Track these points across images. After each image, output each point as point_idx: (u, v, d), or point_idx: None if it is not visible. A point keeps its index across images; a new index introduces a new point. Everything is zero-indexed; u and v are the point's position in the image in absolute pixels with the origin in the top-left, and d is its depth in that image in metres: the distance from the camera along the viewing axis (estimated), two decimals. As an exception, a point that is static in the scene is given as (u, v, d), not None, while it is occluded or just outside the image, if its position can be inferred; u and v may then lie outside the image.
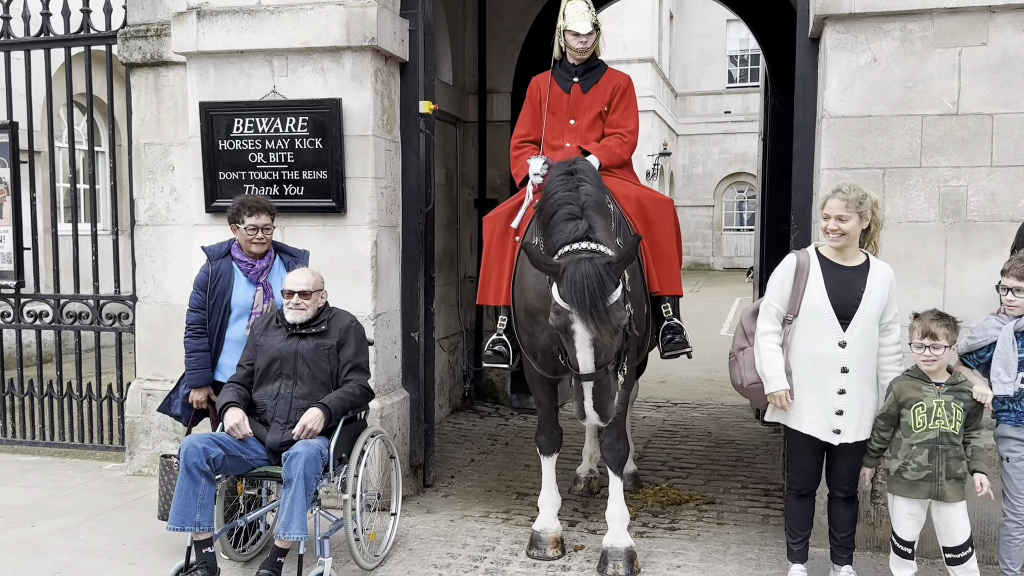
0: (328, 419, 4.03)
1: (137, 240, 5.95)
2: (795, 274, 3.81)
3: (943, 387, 3.64)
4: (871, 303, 3.71)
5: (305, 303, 4.19)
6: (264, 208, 4.42)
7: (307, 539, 3.83)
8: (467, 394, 8.19)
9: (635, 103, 4.89)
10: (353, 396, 4.17)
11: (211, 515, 3.91)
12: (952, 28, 4.28)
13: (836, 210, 3.71)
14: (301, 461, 3.80)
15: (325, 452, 3.97)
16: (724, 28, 30.61)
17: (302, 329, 4.20)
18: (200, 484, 3.86)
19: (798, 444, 3.95)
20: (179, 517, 3.84)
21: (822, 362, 3.75)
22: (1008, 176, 4.11)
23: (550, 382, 4.56)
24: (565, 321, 3.67)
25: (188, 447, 3.88)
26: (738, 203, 31.84)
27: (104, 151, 11.14)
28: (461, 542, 4.73)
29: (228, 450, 3.96)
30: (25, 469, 6.04)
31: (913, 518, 3.73)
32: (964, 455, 3.64)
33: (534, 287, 4.23)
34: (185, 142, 5.59)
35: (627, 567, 4.23)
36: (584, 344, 3.65)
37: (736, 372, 4.07)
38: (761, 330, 3.87)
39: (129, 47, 5.82)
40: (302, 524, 3.77)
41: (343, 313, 4.37)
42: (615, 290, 3.67)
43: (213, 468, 3.89)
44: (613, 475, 4.37)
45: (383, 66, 5.16)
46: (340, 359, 4.22)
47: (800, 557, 4.03)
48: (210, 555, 3.93)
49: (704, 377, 9.57)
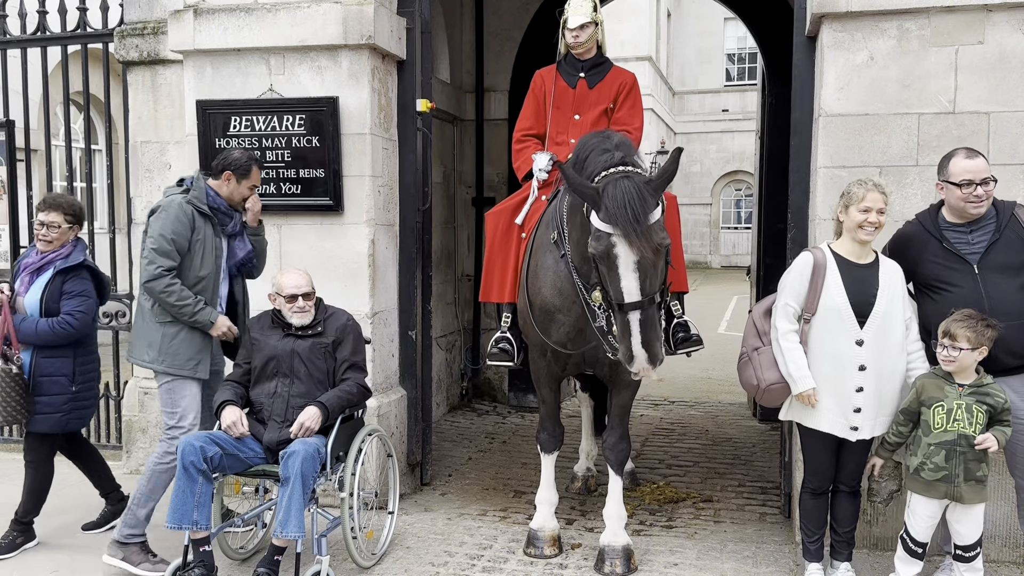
0: (325, 417, 4.03)
1: (134, 239, 5.94)
2: (812, 273, 3.80)
3: (966, 389, 3.59)
4: (886, 300, 3.72)
5: (309, 305, 4.21)
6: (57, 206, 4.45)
7: (304, 538, 3.83)
8: (465, 392, 8.20)
9: (640, 101, 4.88)
10: (350, 395, 4.16)
11: (208, 514, 3.91)
12: (949, 27, 4.28)
13: (879, 203, 3.71)
14: (299, 460, 3.80)
15: (322, 451, 3.96)
16: (722, 26, 30.60)
17: (299, 329, 4.20)
18: (197, 483, 3.85)
19: (814, 443, 3.94)
20: (176, 515, 3.84)
21: (840, 360, 3.74)
22: (1004, 175, 4.11)
23: (557, 379, 4.55)
24: (607, 246, 3.53)
25: (185, 446, 3.88)
26: (735, 201, 31.84)
27: (101, 149, 11.12)
28: (458, 540, 4.73)
29: (226, 448, 3.95)
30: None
31: (930, 519, 3.71)
32: (984, 457, 3.60)
33: (553, 284, 4.18)
34: (182, 140, 5.58)
35: (624, 565, 4.24)
36: (628, 267, 3.51)
37: (751, 373, 3.99)
38: (781, 330, 3.84)
39: (126, 45, 5.81)
40: (299, 523, 3.77)
41: (340, 312, 4.36)
42: (656, 209, 3.58)
43: (210, 467, 3.88)
44: (613, 474, 4.37)
45: (380, 64, 5.16)
46: (337, 358, 4.21)
47: (817, 556, 4.03)
48: (207, 553, 3.93)
49: (702, 375, 9.58)
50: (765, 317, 4.01)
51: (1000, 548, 4.28)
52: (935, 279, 3.80)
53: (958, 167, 3.72)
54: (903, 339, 3.76)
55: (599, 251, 3.57)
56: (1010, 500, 4.07)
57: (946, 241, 3.79)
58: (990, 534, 4.22)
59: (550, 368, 4.45)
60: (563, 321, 4.18)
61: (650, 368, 3.53)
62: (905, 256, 3.91)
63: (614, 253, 3.53)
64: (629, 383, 4.32)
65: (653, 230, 3.52)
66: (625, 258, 3.52)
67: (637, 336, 3.51)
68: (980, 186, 3.68)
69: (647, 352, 3.50)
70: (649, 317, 3.52)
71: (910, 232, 3.96)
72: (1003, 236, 3.73)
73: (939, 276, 3.79)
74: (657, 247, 3.53)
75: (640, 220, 3.49)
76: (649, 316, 3.52)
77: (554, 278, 4.18)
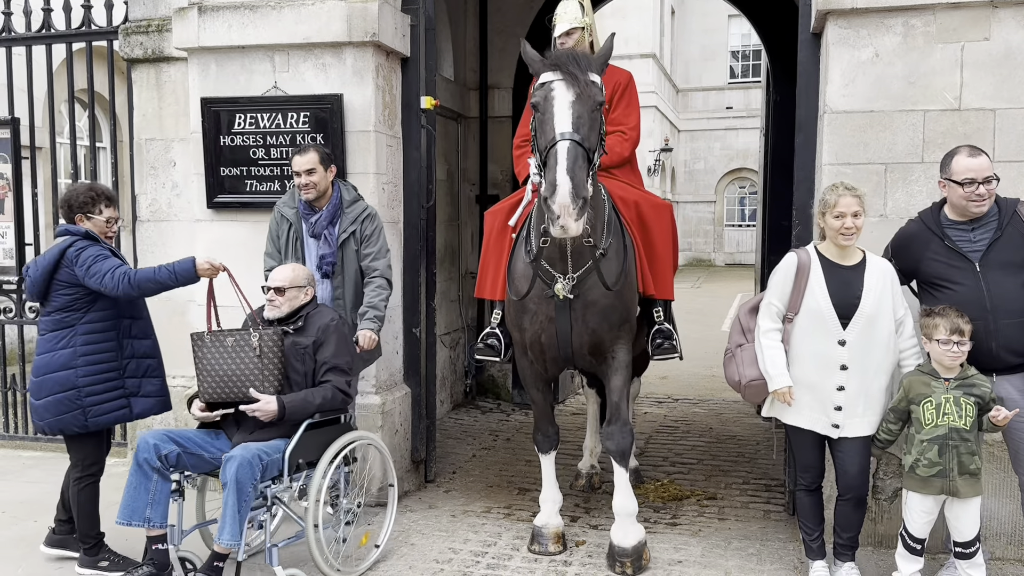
0: (281, 416, 3.87)
1: (139, 236, 5.95)
2: (796, 273, 3.83)
3: (952, 383, 3.62)
4: (871, 301, 3.72)
5: (280, 300, 4.08)
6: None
7: (238, 546, 3.65)
8: (468, 390, 8.20)
9: (636, 99, 4.86)
10: (322, 399, 3.96)
11: (164, 512, 3.79)
12: (954, 23, 4.27)
13: (852, 207, 3.71)
14: (234, 465, 3.63)
15: (265, 457, 3.74)
16: (726, 23, 30.55)
17: (279, 326, 4.06)
18: (152, 480, 3.76)
19: (800, 441, 3.97)
20: (127, 511, 3.75)
21: (821, 360, 3.77)
22: (1010, 172, 4.10)
23: (544, 379, 4.55)
24: (546, 92, 3.67)
25: (140, 442, 3.79)
26: (739, 199, 31.81)
27: (106, 147, 11.13)
28: (463, 537, 4.74)
29: (187, 447, 3.84)
30: (27, 464, 6.05)
31: (926, 515, 3.72)
32: (977, 450, 3.62)
33: (523, 274, 4.23)
34: (186, 138, 5.59)
35: (636, 563, 4.23)
36: (564, 104, 3.61)
37: (734, 369, 4.08)
38: (763, 328, 3.90)
39: (130, 43, 5.82)
40: (234, 531, 3.61)
41: (325, 310, 4.22)
42: (596, 76, 3.74)
43: (166, 465, 3.78)
44: (618, 466, 4.33)
45: (384, 61, 5.16)
46: (317, 360, 4.04)
47: (820, 553, 4.03)
48: (161, 552, 3.84)
49: (705, 373, 9.57)
50: (751, 315, 4.06)
51: (1005, 546, 4.27)
52: (937, 277, 3.80)
53: (960, 165, 3.71)
54: (891, 337, 3.77)
55: (538, 99, 3.69)
56: (1014, 498, 4.07)
57: (948, 239, 3.78)
58: (995, 532, 4.22)
59: (533, 367, 4.46)
60: (534, 311, 4.22)
61: (570, 205, 3.39)
62: (907, 254, 3.91)
63: (552, 95, 3.65)
64: (618, 367, 4.29)
65: (591, 83, 3.68)
66: (561, 97, 3.63)
67: (563, 163, 3.45)
68: (982, 184, 3.67)
69: (570, 182, 3.40)
70: (577, 152, 3.51)
71: (912, 230, 3.96)
72: (1005, 234, 3.72)
73: (941, 274, 3.78)
74: (592, 100, 3.66)
75: (580, 65, 3.67)
76: (577, 152, 3.51)
77: (523, 268, 4.23)
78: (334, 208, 4.60)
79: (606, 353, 4.26)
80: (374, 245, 4.62)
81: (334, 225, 4.60)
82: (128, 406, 4.27)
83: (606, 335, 4.20)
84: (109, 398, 4.21)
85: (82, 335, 4.17)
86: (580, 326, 4.16)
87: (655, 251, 4.55)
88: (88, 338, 4.17)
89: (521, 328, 4.33)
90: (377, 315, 4.52)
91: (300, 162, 4.51)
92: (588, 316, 4.14)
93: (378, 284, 4.59)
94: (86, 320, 4.17)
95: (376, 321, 4.51)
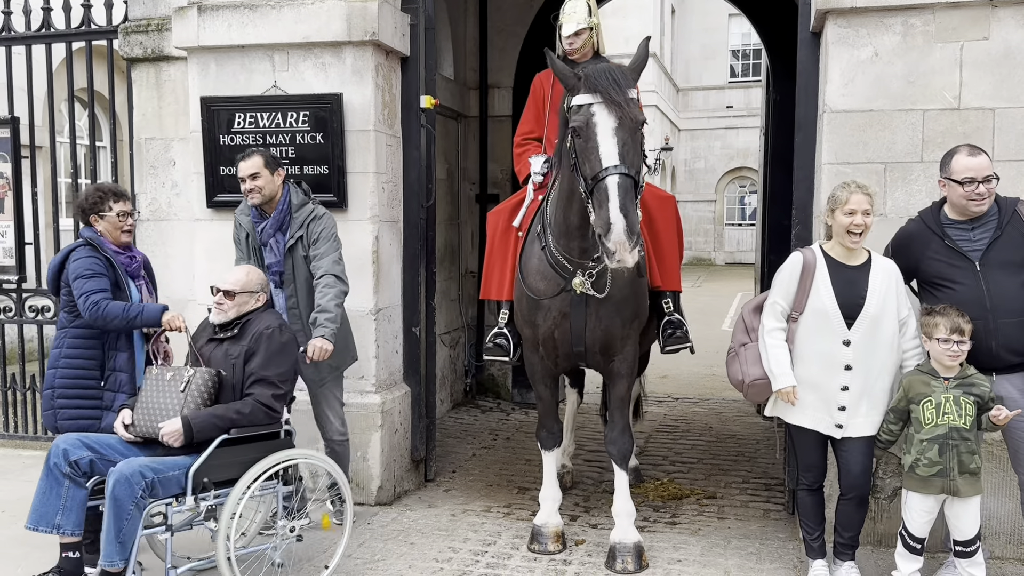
0: (189, 437, 3.59)
1: (139, 235, 5.94)
2: (801, 273, 3.82)
3: (951, 382, 3.62)
4: (875, 302, 3.72)
5: (228, 304, 3.88)
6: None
7: (118, 566, 3.44)
8: (468, 389, 8.20)
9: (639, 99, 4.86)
10: (236, 414, 3.66)
11: (76, 519, 3.61)
12: (954, 22, 4.27)
13: (864, 204, 3.71)
14: (111, 481, 3.41)
15: (152, 474, 3.46)
16: (726, 23, 30.56)
17: (220, 332, 3.89)
18: (62, 485, 3.60)
19: (803, 441, 3.96)
20: (35, 516, 3.62)
21: (826, 359, 3.77)
22: (1009, 171, 4.10)
23: (552, 375, 4.57)
24: (586, 116, 3.62)
25: (52, 446, 3.66)
26: (740, 198, 31.81)
27: (105, 146, 11.13)
28: (462, 536, 4.74)
29: (104, 454, 3.65)
30: (27, 464, 6.05)
31: (926, 514, 3.72)
32: (976, 449, 3.62)
33: (538, 270, 4.24)
34: (186, 137, 5.59)
35: (635, 563, 4.24)
36: (607, 133, 3.57)
37: (737, 368, 4.07)
38: (767, 327, 3.89)
39: (130, 42, 5.83)
40: (110, 550, 3.39)
41: (265, 317, 3.94)
42: (633, 90, 3.68)
43: (77, 471, 3.60)
44: (618, 469, 4.36)
45: (384, 61, 5.16)
46: (245, 370, 3.76)
47: (820, 552, 4.03)
48: (71, 560, 3.71)
49: (705, 372, 9.57)
50: (755, 314, 4.05)
51: (1004, 545, 4.28)
52: (937, 276, 3.80)
53: (960, 164, 3.71)
54: (895, 337, 3.77)
55: (579, 123, 3.64)
56: (1014, 497, 4.07)
57: (948, 238, 3.78)
58: (994, 531, 4.22)
59: (543, 363, 4.46)
60: (548, 306, 4.22)
61: (627, 242, 3.40)
62: (907, 253, 3.91)
63: (593, 121, 3.61)
64: (625, 374, 4.33)
65: (632, 102, 3.63)
66: (604, 124, 3.59)
67: (615, 200, 3.44)
68: (982, 184, 3.67)
69: (624, 220, 3.40)
70: (626, 185, 3.49)
71: (912, 230, 3.96)
72: (1005, 233, 3.72)
73: (941, 273, 3.78)
74: (635, 121, 3.62)
75: (620, 86, 3.60)
76: (626, 184, 3.49)
77: (539, 264, 4.24)
78: (281, 214, 4.46)
79: (615, 350, 4.27)
80: (322, 246, 4.41)
81: (283, 232, 4.48)
82: (99, 418, 4.12)
83: (619, 330, 4.22)
84: (80, 405, 4.12)
85: (70, 338, 4.17)
86: (594, 321, 4.18)
87: (661, 243, 4.56)
88: (74, 342, 4.16)
89: (534, 324, 4.33)
90: (328, 319, 4.26)
91: (244, 167, 4.42)
92: (603, 310, 4.16)
93: (325, 284, 4.34)
94: (76, 324, 4.15)
95: (327, 325, 4.24)
